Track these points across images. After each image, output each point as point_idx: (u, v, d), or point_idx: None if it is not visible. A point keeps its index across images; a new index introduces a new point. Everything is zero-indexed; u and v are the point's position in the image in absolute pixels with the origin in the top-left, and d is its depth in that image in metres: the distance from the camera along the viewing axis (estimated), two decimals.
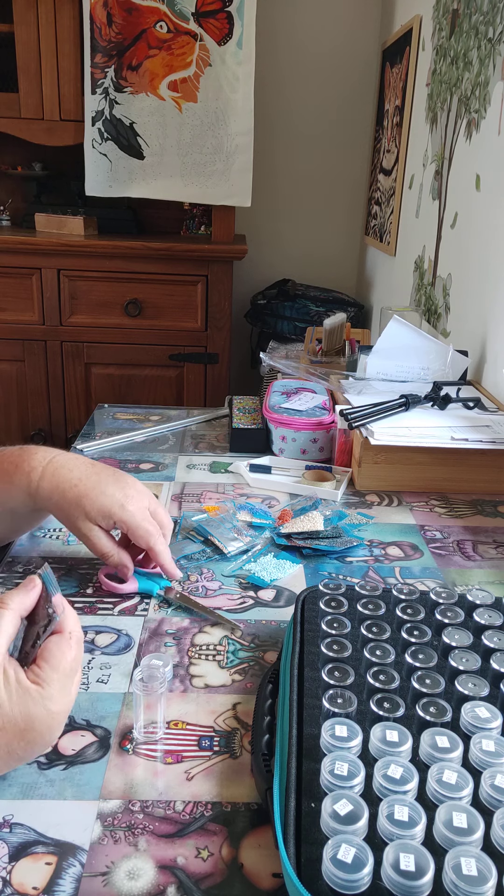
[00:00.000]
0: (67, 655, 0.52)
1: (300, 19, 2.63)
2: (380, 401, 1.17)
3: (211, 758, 0.59)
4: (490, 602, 0.68)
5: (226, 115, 2.25)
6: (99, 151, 2.27)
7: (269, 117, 2.66)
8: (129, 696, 0.65)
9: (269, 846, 0.51)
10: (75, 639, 0.53)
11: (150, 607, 0.79)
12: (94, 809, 0.54)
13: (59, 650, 0.52)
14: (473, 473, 1.11)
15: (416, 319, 1.55)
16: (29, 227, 2.48)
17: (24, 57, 2.19)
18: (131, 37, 2.17)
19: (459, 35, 1.68)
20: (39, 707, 0.49)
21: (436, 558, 0.92)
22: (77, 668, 0.53)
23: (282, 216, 2.87)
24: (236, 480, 1.13)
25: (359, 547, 0.94)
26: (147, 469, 1.16)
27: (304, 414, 1.22)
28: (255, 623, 0.77)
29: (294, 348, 2.33)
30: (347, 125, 2.76)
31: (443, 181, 1.79)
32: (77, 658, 0.53)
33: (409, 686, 0.57)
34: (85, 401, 2.41)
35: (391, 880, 0.42)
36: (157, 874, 0.49)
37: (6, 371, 2.37)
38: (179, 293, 2.34)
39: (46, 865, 0.49)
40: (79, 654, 0.54)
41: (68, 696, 0.51)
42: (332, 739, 0.51)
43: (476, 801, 0.48)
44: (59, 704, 0.50)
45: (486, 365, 1.43)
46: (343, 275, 2.95)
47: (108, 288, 2.31)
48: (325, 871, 0.43)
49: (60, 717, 0.51)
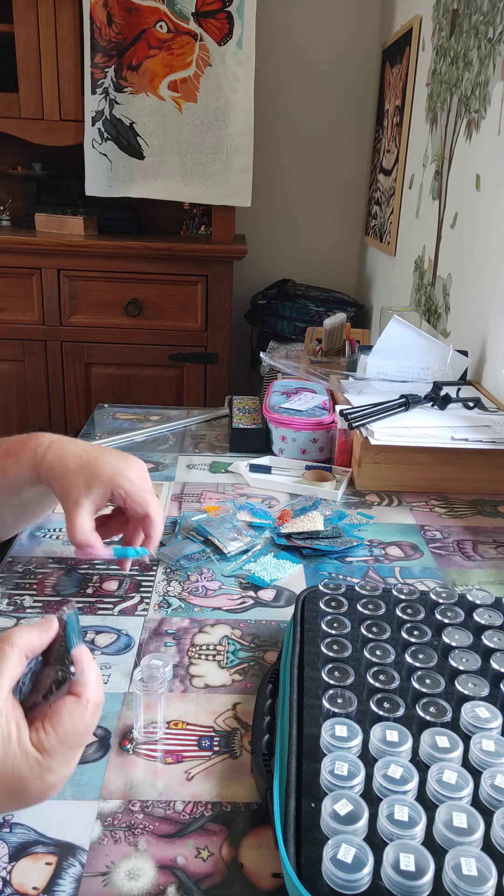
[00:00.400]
0: (80, 727, 0.46)
1: (300, 19, 2.63)
2: (380, 401, 1.17)
3: (211, 758, 0.59)
4: (490, 602, 0.68)
5: (226, 115, 2.25)
6: (99, 151, 2.27)
7: (269, 117, 2.66)
8: (129, 696, 0.66)
9: (269, 846, 0.51)
10: (92, 706, 0.47)
11: (150, 607, 0.79)
12: (94, 809, 0.54)
13: (72, 720, 0.45)
14: (473, 473, 1.11)
15: (416, 319, 1.55)
16: (29, 227, 2.48)
17: (24, 57, 2.19)
18: (131, 37, 2.17)
19: (459, 35, 1.68)
20: (35, 776, 0.44)
21: (436, 558, 0.92)
22: (87, 739, 0.47)
23: (282, 216, 2.87)
24: (236, 480, 1.13)
25: (359, 547, 0.94)
26: (147, 469, 1.16)
27: (304, 414, 1.22)
28: (255, 623, 0.77)
29: (294, 348, 2.33)
30: (347, 125, 2.76)
31: (443, 181, 1.79)
32: (90, 728, 0.47)
33: (409, 686, 0.57)
34: (85, 401, 2.41)
35: (391, 880, 0.42)
36: (157, 874, 0.49)
37: (6, 371, 2.37)
38: (179, 293, 2.34)
39: (46, 865, 0.49)
40: (93, 723, 0.47)
41: (69, 767, 0.46)
42: (332, 739, 0.51)
43: (476, 801, 0.48)
44: (57, 776, 0.45)
45: (486, 365, 1.43)
46: (343, 275, 2.95)
47: (108, 288, 2.31)
48: (325, 871, 0.43)
49: (56, 788, 0.46)
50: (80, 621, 0.51)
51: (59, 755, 0.45)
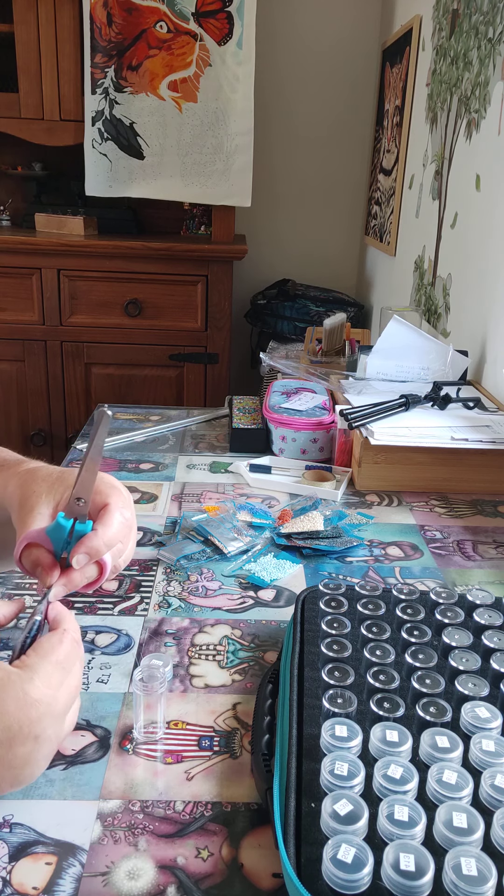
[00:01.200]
0: (58, 648, 0.47)
1: (300, 19, 2.63)
2: (380, 401, 1.17)
3: (211, 758, 0.59)
4: (490, 602, 0.68)
5: (226, 115, 2.25)
6: (99, 151, 2.27)
7: (269, 117, 2.66)
8: (129, 696, 0.65)
9: (269, 846, 0.51)
10: (70, 636, 0.49)
11: (150, 607, 0.79)
12: (94, 809, 0.54)
13: (50, 643, 0.47)
14: (473, 473, 1.11)
15: (416, 319, 1.55)
16: (29, 227, 2.48)
17: (24, 57, 2.19)
18: (131, 37, 2.17)
19: (459, 35, 1.68)
20: (16, 689, 0.43)
21: (436, 558, 0.92)
22: (70, 667, 0.47)
23: (282, 216, 2.87)
24: (236, 480, 1.13)
25: (359, 547, 0.94)
26: (147, 469, 1.16)
27: (304, 414, 1.22)
28: (255, 623, 0.77)
29: (294, 348, 2.34)
30: (347, 125, 2.76)
31: (443, 181, 1.79)
32: (70, 655, 0.48)
33: (409, 686, 0.57)
34: (85, 401, 2.41)
35: (391, 880, 0.42)
36: (157, 874, 0.49)
37: (6, 371, 2.37)
38: (179, 293, 2.34)
39: (46, 865, 0.49)
40: (73, 652, 0.48)
41: (51, 688, 0.45)
42: (332, 739, 0.51)
43: (476, 801, 0.48)
44: (38, 692, 0.44)
45: (486, 365, 1.43)
46: (343, 275, 2.95)
47: (108, 288, 2.31)
48: (325, 871, 0.43)
49: (41, 707, 0.44)
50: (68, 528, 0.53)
51: (41, 670, 0.45)
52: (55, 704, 0.45)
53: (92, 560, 0.55)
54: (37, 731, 0.44)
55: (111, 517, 0.56)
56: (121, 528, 0.56)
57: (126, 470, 1.15)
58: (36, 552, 0.54)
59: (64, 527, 0.54)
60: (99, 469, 0.55)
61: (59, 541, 0.54)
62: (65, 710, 0.47)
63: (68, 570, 0.54)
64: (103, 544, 0.55)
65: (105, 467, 1.16)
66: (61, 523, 0.54)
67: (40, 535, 0.54)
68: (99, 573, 0.56)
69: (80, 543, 0.54)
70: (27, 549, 0.55)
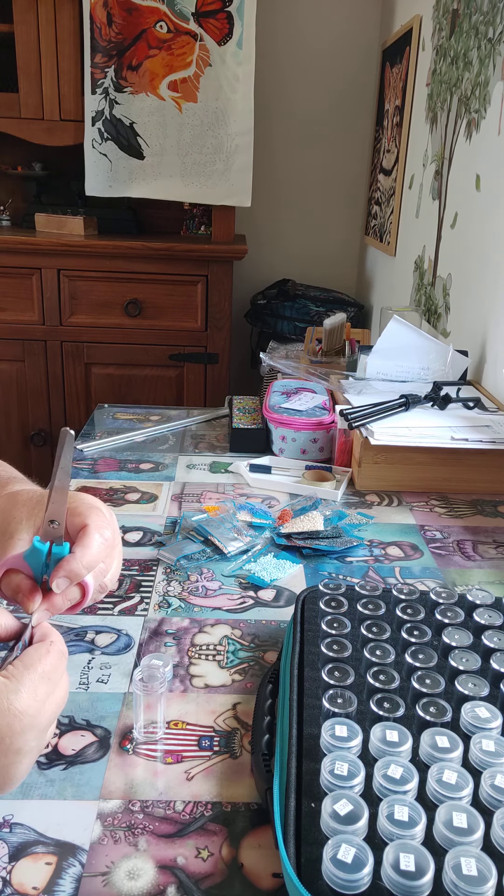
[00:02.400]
0: (44, 660, 0.46)
1: (300, 19, 2.63)
2: (380, 401, 1.17)
3: (211, 758, 0.59)
4: (490, 602, 0.68)
5: (226, 115, 2.25)
6: (99, 151, 2.27)
7: (269, 117, 2.66)
8: (129, 696, 0.66)
9: (269, 846, 0.51)
10: (56, 648, 0.48)
11: (150, 607, 0.79)
12: (94, 809, 0.54)
13: (37, 653, 0.47)
14: (473, 473, 1.11)
15: (416, 319, 1.55)
16: (29, 227, 2.48)
17: (24, 57, 2.19)
18: (131, 37, 2.17)
19: (459, 35, 1.68)
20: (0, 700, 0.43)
21: (436, 558, 0.92)
22: (54, 677, 0.47)
23: (282, 216, 2.86)
24: (236, 480, 1.13)
25: (359, 547, 0.94)
26: (147, 469, 1.16)
27: (304, 414, 1.22)
28: (255, 623, 0.77)
29: (294, 348, 2.33)
30: (347, 125, 2.76)
31: (443, 181, 1.79)
32: (55, 667, 0.47)
33: (409, 686, 0.57)
34: (85, 401, 2.41)
35: (391, 880, 0.42)
36: (157, 874, 0.49)
37: (6, 371, 2.37)
38: (179, 293, 2.34)
39: (46, 865, 0.49)
40: (57, 664, 0.47)
41: (37, 701, 0.44)
42: (332, 739, 0.51)
43: (476, 801, 0.48)
44: (23, 703, 0.43)
45: (486, 365, 1.43)
46: (343, 275, 2.95)
47: (108, 288, 2.31)
48: (325, 871, 0.43)
49: (24, 719, 0.43)
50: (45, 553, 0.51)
51: (26, 680, 0.44)
52: (39, 717, 0.45)
53: (73, 583, 0.53)
54: (19, 745, 0.43)
55: (90, 538, 0.54)
56: (101, 548, 0.55)
57: (126, 470, 1.15)
58: (16, 578, 0.53)
59: (41, 550, 0.52)
60: (70, 488, 0.54)
61: (38, 565, 0.53)
62: (49, 723, 0.46)
63: (50, 595, 0.53)
64: (82, 567, 0.53)
65: (105, 467, 1.16)
66: (37, 547, 0.52)
67: (18, 561, 0.53)
68: (82, 595, 0.55)
69: (59, 567, 0.53)
70: (6, 575, 0.53)
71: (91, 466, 1.16)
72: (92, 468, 1.16)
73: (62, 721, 0.62)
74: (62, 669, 0.48)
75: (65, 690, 0.48)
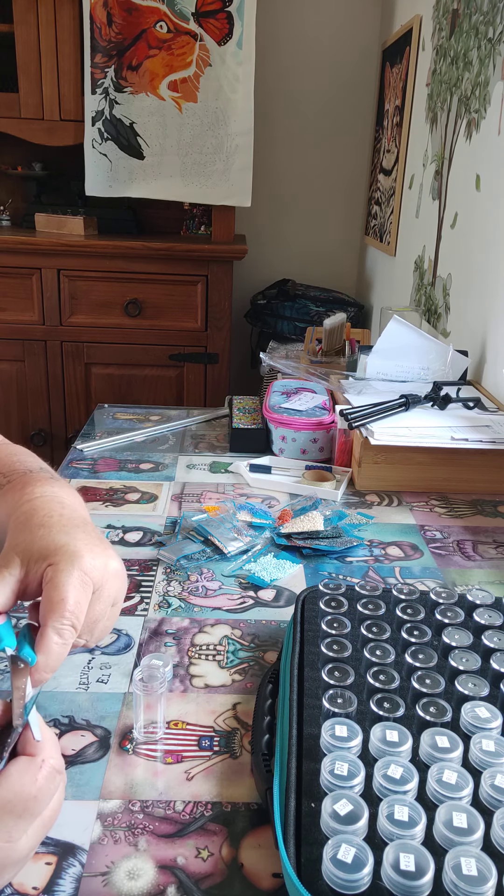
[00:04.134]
0: (28, 789, 0.39)
1: (300, 19, 2.63)
2: (380, 401, 1.17)
3: (211, 758, 0.59)
4: (490, 602, 0.68)
5: (226, 115, 2.25)
6: (99, 151, 2.27)
7: (269, 117, 2.66)
8: (129, 696, 0.65)
9: (269, 846, 0.51)
10: (47, 769, 0.41)
11: (150, 607, 0.79)
12: (94, 809, 0.54)
13: (20, 780, 0.40)
14: (473, 473, 1.11)
15: (416, 319, 1.55)
16: (29, 227, 2.48)
17: (24, 57, 2.19)
18: (131, 37, 2.17)
19: (459, 35, 1.68)
20: None
21: (436, 558, 0.92)
22: (40, 806, 0.40)
23: (282, 216, 2.87)
24: (236, 480, 1.13)
25: (359, 547, 0.94)
26: (147, 469, 1.16)
27: (304, 414, 1.22)
28: (255, 623, 0.77)
29: (294, 348, 2.33)
30: (347, 125, 2.76)
31: (443, 181, 1.79)
32: (43, 794, 0.40)
33: (409, 686, 0.57)
34: (85, 401, 2.41)
35: (391, 880, 0.42)
36: (157, 874, 0.49)
37: (6, 371, 2.37)
38: (179, 293, 2.34)
39: (46, 865, 0.49)
40: (48, 789, 0.40)
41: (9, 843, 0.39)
42: (332, 739, 0.51)
43: (476, 801, 0.48)
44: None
45: (486, 365, 1.43)
46: (343, 275, 2.95)
47: (108, 288, 2.31)
48: (325, 871, 0.43)
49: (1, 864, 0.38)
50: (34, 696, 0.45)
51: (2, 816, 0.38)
52: (13, 853, 0.39)
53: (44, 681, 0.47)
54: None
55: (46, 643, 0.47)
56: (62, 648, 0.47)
57: (126, 470, 1.15)
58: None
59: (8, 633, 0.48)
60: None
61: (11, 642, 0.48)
62: (28, 853, 0.41)
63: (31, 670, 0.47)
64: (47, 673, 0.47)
65: (105, 467, 1.16)
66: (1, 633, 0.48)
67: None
68: None
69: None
70: None
71: (91, 466, 1.16)
72: (92, 468, 1.16)
73: (62, 721, 0.62)
74: (52, 790, 0.41)
75: (54, 809, 0.42)
